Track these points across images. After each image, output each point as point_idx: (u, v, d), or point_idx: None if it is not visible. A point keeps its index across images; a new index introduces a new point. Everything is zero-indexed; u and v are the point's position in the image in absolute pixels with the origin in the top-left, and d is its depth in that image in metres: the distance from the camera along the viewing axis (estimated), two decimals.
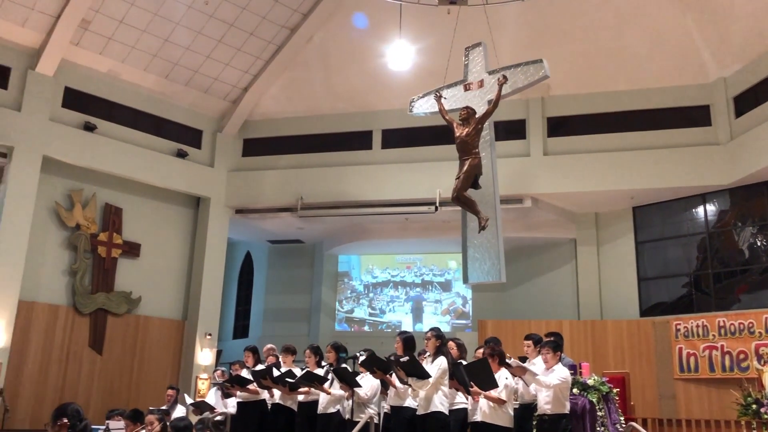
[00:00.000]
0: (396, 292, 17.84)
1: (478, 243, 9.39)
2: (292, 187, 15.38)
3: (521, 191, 13.96)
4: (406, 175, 14.70)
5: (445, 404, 6.64)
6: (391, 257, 18.01)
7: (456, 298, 17.32)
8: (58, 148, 13.36)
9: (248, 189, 15.78)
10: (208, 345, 15.05)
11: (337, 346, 8.13)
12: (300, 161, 15.76)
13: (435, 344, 6.93)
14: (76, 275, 13.73)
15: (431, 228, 15.66)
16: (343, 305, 18.10)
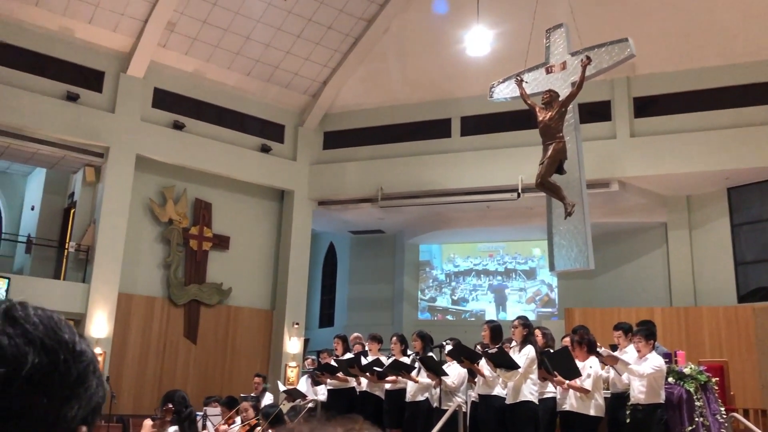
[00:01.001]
0: (478, 280, 17.70)
1: (565, 229, 9.20)
2: (372, 177, 15.50)
3: (608, 175, 13.56)
4: (487, 162, 14.55)
5: (535, 393, 6.58)
6: (473, 246, 17.88)
7: (541, 286, 17.04)
8: (150, 146, 13.97)
9: (329, 181, 16.03)
10: (296, 334, 15.42)
11: (423, 335, 8.16)
12: (379, 152, 15.86)
13: (522, 333, 6.87)
14: (170, 268, 14.36)
15: (514, 215, 15.44)
16: (425, 294, 18.13)
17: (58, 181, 15.56)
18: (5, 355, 0.68)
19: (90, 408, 0.75)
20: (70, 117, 13.09)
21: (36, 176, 16.36)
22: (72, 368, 0.72)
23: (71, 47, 13.42)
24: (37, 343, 0.70)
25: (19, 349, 0.69)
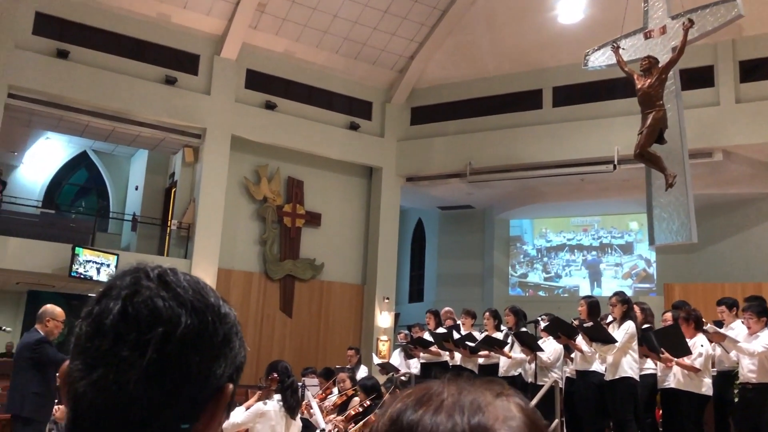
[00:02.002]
0: (572, 256, 17.30)
1: (665, 202, 8.84)
2: (461, 152, 15.37)
3: (711, 144, 12.88)
4: (581, 133, 14.11)
5: (635, 369, 6.40)
6: (566, 220, 17.46)
7: (638, 261, 16.46)
8: (243, 127, 14.38)
9: (417, 157, 16.01)
10: (387, 308, 15.62)
11: (516, 310, 8.09)
12: (468, 126, 15.68)
13: (621, 309, 6.67)
14: (265, 244, 14.83)
15: (609, 188, 14.93)
16: (516, 270, 17.91)
17: (159, 162, 16.33)
18: (162, 316, 0.72)
19: (235, 367, 0.79)
20: (169, 100, 13.65)
21: (139, 158, 17.21)
22: (219, 329, 0.76)
23: (168, 32, 13.94)
24: (188, 306, 0.74)
25: (173, 311, 0.73)
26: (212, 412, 0.75)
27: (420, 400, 0.63)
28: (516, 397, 0.65)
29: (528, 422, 0.62)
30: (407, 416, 0.62)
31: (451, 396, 0.63)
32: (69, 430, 0.72)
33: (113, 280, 0.76)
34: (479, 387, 0.65)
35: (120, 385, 0.69)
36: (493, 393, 0.64)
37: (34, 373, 5.11)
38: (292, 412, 4.87)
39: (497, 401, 0.63)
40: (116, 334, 0.71)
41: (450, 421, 0.60)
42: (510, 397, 0.65)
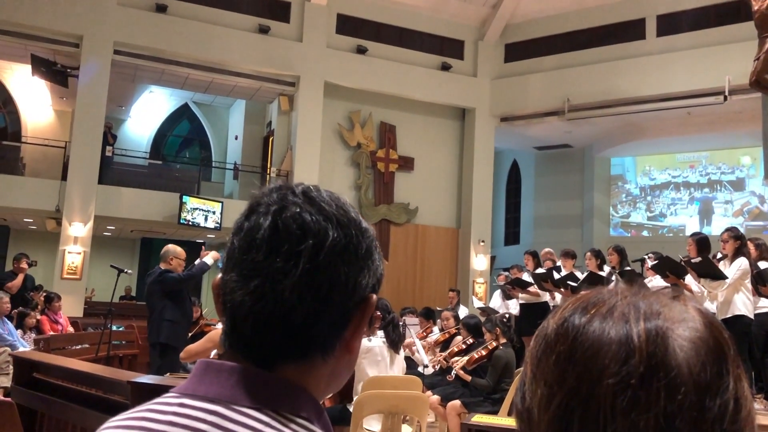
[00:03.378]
0: (678, 193, 16.54)
1: None
2: (558, 89, 14.84)
3: None
4: (687, 63, 13.28)
5: (749, 307, 6.12)
6: (671, 156, 16.65)
7: (750, 198, 15.55)
8: (336, 72, 14.45)
9: (512, 96, 15.61)
10: (482, 251, 15.58)
11: (620, 249, 7.87)
12: (565, 61, 15.07)
13: (734, 245, 6.35)
14: (360, 189, 15.04)
15: (719, 121, 14.07)
16: (618, 210, 17.35)
17: (256, 111, 16.74)
18: (310, 229, 0.75)
19: (376, 278, 0.81)
20: (263, 49, 13.87)
21: (237, 108, 17.71)
22: (362, 242, 0.78)
23: None
24: (333, 220, 0.76)
25: (320, 225, 0.75)
26: (359, 321, 0.78)
27: (589, 304, 0.60)
28: (693, 301, 0.63)
29: (707, 323, 0.58)
30: (574, 321, 0.59)
31: (623, 299, 0.59)
32: (227, 336, 0.77)
33: (260, 197, 0.79)
34: (655, 292, 0.62)
35: (276, 294, 0.72)
36: (669, 297, 0.61)
37: (165, 302, 5.49)
38: (395, 346, 5.00)
39: (673, 304, 0.59)
40: (269, 247, 0.74)
41: (623, 327, 0.56)
42: (687, 300, 0.62)
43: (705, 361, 0.55)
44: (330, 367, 0.77)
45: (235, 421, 0.68)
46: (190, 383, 0.74)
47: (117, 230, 16.42)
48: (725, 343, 0.58)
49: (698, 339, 0.57)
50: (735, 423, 0.55)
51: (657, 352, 0.55)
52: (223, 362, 0.74)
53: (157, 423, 0.70)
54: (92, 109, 12.58)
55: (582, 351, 0.57)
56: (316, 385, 0.76)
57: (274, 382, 0.73)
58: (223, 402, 0.70)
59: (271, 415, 0.70)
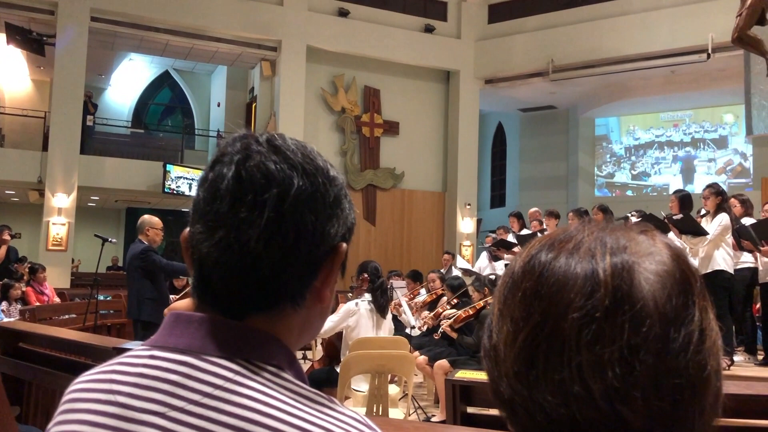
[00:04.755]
0: (662, 153, 16.62)
1: (766, 89, 8.27)
2: (542, 49, 14.75)
3: None
4: (670, 21, 13.22)
5: (729, 262, 6.20)
6: (655, 116, 16.68)
7: (733, 156, 15.65)
8: (318, 36, 14.27)
9: (496, 57, 15.50)
10: (468, 214, 15.64)
11: (604, 208, 7.91)
12: (549, 21, 14.95)
13: (715, 202, 6.40)
14: (346, 155, 14.97)
15: (702, 79, 14.08)
16: (602, 170, 17.42)
17: (238, 77, 16.54)
18: (275, 178, 0.74)
19: (347, 227, 0.81)
20: (244, 13, 13.64)
21: (219, 74, 17.49)
22: (329, 190, 0.78)
23: None
24: (299, 168, 0.75)
25: (285, 173, 0.74)
26: (329, 270, 0.78)
27: (556, 241, 0.60)
28: (662, 236, 0.62)
29: (674, 256, 0.58)
30: (541, 258, 0.59)
31: (590, 235, 0.59)
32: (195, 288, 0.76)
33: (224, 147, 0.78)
34: (623, 227, 0.62)
35: (242, 244, 0.72)
36: (636, 231, 0.60)
37: (146, 280, 5.47)
38: (382, 310, 5.03)
39: (640, 238, 0.59)
40: (233, 197, 0.73)
41: (589, 262, 0.56)
42: (655, 235, 0.61)
43: (671, 293, 0.55)
44: (301, 317, 0.77)
45: (205, 370, 0.68)
46: (160, 335, 0.74)
47: (101, 200, 16.31)
48: (691, 276, 0.58)
49: (664, 272, 0.57)
50: (699, 353, 0.55)
51: (622, 285, 0.55)
52: (192, 314, 0.74)
53: (127, 375, 0.70)
54: (71, 77, 12.37)
55: (548, 287, 0.57)
56: (287, 335, 0.76)
57: (244, 331, 0.73)
58: (194, 352, 0.70)
59: (242, 364, 0.70)
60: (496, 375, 0.61)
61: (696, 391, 0.55)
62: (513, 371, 0.58)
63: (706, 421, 0.57)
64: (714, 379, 0.57)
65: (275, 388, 0.69)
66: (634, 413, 0.54)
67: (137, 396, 0.68)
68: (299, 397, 0.69)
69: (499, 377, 0.60)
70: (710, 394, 0.57)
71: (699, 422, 0.56)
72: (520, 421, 0.59)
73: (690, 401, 0.55)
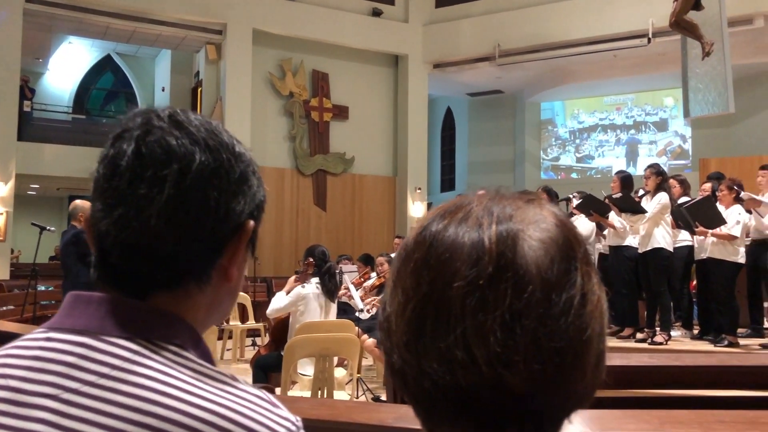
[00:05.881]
0: (605, 136, 16.99)
1: (702, 72, 8.53)
2: (489, 34, 14.85)
3: (751, 10, 12.18)
4: (613, 6, 13.46)
5: (668, 240, 6.41)
6: (599, 99, 17.03)
7: (673, 138, 16.12)
8: (264, 19, 14.05)
9: (444, 42, 15.54)
10: (419, 198, 15.72)
11: (548, 190, 8.06)
12: (495, 5, 15.04)
13: (655, 181, 6.60)
14: (295, 140, 14.84)
15: (643, 63, 14.40)
16: (548, 153, 17.72)
17: (183, 61, 16.19)
18: (176, 154, 0.73)
19: (255, 204, 0.80)
20: None
21: (163, 58, 17.08)
22: (235, 166, 0.77)
23: None
24: (201, 144, 0.74)
25: (186, 149, 0.73)
26: (235, 247, 0.77)
27: (447, 212, 0.61)
28: (549, 204, 0.64)
29: (559, 223, 0.60)
30: (431, 228, 0.60)
31: (479, 205, 0.60)
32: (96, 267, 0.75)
33: (125, 123, 0.76)
34: (511, 196, 0.62)
35: (141, 222, 0.70)
36: (523, 200, 0.61)
37: (81, 266, 5.33)
38: (330, 294, 5.04)
39: (527, 207, 0.60)
40: (132, 174, 0.72)
41: (476, 231, 0.57)
42: (542, 203, 0.62)
43: (553, 259, 0.56)
44: (208, 296, 0.76)
45: (102, 351, 0.67)
46: (58, 317, 0.72)
47: (42, 189, 15.81)
48: (575, 242, 0.60)
49: (549, 239, 0.58)
50: (581, 317, 0.57)
51: (506, 252, 0.56)
52: (92, 293, 0.72)
53: (21, 359, 0.69)
54: (5, 62, 11.90)
55: (436, 256, 0.58)
56: (193, 314, 0.75)
57: (145, 311, 0.72)
58: (91, 333, 0.68)
59: (142, 344, 0.69)
60: (388, 346, 0.62)
61: (577, 354, 0.57)
62: (403, 341, 0.59)
63: (588, 384, 0.59)
64: (596, 342, 0.59)
65: (175, 367, 0.68)
66: (516, 377, 0.55)
67: (30, 379, 0.67)
68: (200, 375, 0.69)
69: (391, 348, 0.61)
70: (592, 357, 0.58)
71: (581, 385, 0.58)
72: (410, 390, 0.60)
73: (571, 364, 0.56)
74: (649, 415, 1.52)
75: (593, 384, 0.60)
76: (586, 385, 0.59)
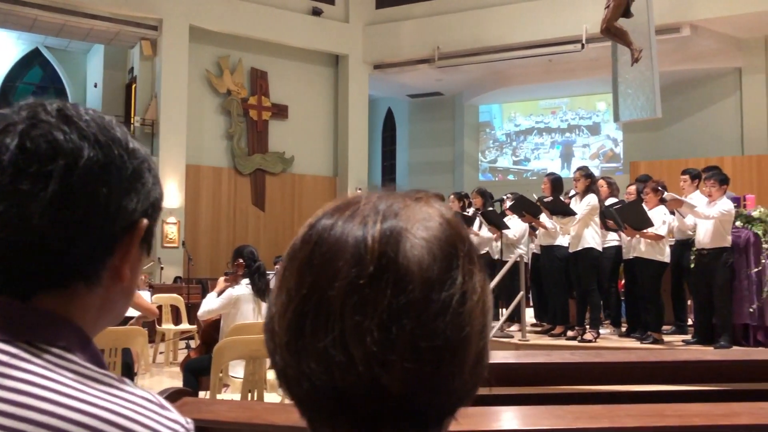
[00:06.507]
0: (541, 138, 17.38)
1: (631, 78, 8.82)
2: (429, 36, 14.99)
3: (679, 19, 12.69)
4: (549, 12, 13.79)
5: (597, 240, 6.59)
6: (535, 103, 17.41)
7: (606, 141, 16.62)
8: (201, 16, 13.81)
9: (384, 43, 15.61)
10: None
11: (482, 191, 8.20)
12: (435, 8, 15.20)
13: (584, 183, 6.79)
14: (233, 138, 14.63)
15: (577, 68, 14.81)
16: (486, 155, 18.00)
17: (117, 57, 15.74)
18: (63, 149, 0.70)
19: (149, 202, 0.77)
20: None
21: (95, 53, 16.55)
22: (127, 163, 0.74)
23: None
24: (91, 139, 0.72)
25: (74, 144, 0.70)
26: (127, 246, 0.74)
27: (337, 208, 0.60)
28: (438, 203, 0.63)
29: (445, 221, 0.59)
30: (321, 223, 0.59)
31: (368, 203, 0.59)
32: None
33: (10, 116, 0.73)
34: (401, 195, 0.62)
35: (23, 219, 0.67)
36: (412, 198, 0.60)
37: None
38: (261, 294, 4.98)
39: (415, 205, 0.60)
40: (16, 169, 0.68)
41: (360, 229, 0.56)
42: (431, 201, 0.61)
43: (435, 257, 0.56)
44: (99, 297, 0.74)
45: None
46: None
47: None
48: (459, 240, 0.59)
49: (433, 237, 0.57)
50: (459, 315, 0.56)
51: (388, 251, 0.55)
52: None
53: None
54: None
55: (320, 255, 0.57)
56: (82, 316, 0.72)
57: (28, 312, 0.68)
58: None
59: (22, 347, 0.65)
60: (272, 347, 0.61)
61: (455, 352, 0.56)
62: (284, 342, 0.58)
63: (468, 382, 0.59)
64: (476, 340, 0.59)
65: (56, 370, 0.65)
66: (392, 377, 0.54)
67: None
68: (84, 378, 0.66)
69: (274, 349, 0.60)
70: (471, 355, 0.58)
71: (459, 383, 0.58)
72: (292, 391, 0.59)
73: (449, 363, 0.56)
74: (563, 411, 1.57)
75: (474, 382, 0.60)
76: (466, 383, 0.59)
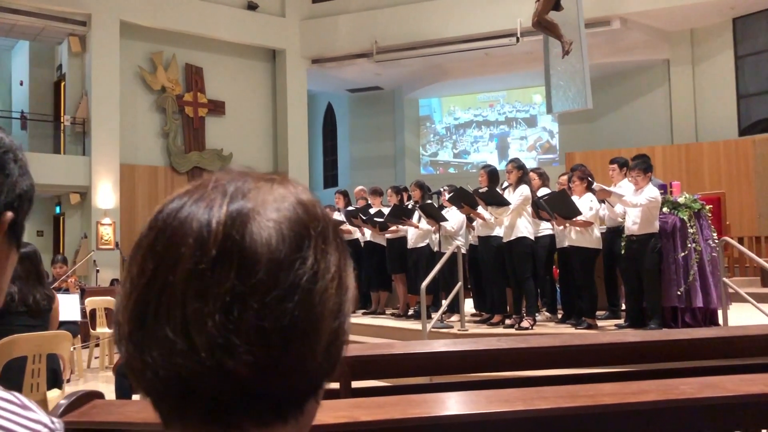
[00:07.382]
0: (479, 131, 17.60)
1: (562, 70, 9.01)
2: (366, 30, 14.97)
3: (609, 12, 13.02)
4: (484, 6, 13.95)
5: (530, 230, 6.72)
6: (473, 97, 17.61)
7: (542, 133, 16.95)
8: (132, 11, 13.44)
9: (322, 37, 15.51)
10: None
11: (421, 184, 8.25)
12: (372, 2, 15.19)
13: (517, 175, 6.91)
14: (168, 136, 14.31)
15: (513, 62, 15.05)
16: (427, 149, 18.11)
17: (43, 53, 15.17)
18: None
19: (15, 195, 0.74)
20: None
21: (20, 50, 15.92)
22: None
23: None
24: None
25: None
26: None
27: (187, 192, 0.57)
28: (293, 184, 0.61)
29: (298, 202, 0.56)
30: (168, 207, 0.56)
31: (217, 185, 0.56)
32: None
33: None
34: (253, 175, 0.59)
35: None
36: (264, 179, 0.57)
37: None
38: None
39: (266, 186, 0.57)
40: None
41: (207, 212, 0.54)
42: (286, 182, 0.58)
43: (285, 238, 0.54)
44: None
45: None
46: None
47: None
48: (312, 220, 0.57)
49: (283, 218, 0.55)
50: (309, 295, 0.54)
51: (233, 234, 0.53)
52: None
53: None
54: None
55: (163, 241, 0.54)
56: None
57: None
58: None
59: None
60: (117, 339, 0.58)
61: (305, 334, 0.54)
62: (127, 332, 0.56)
63: (321, 364, 0.57)
64: (329, 320, 0.57)
65: None
66: (237, 362, 0.52)
67: None
68: None
69: (120, 341, 0.58)
70: (323, 335, 0.56)
71: (312, 365, 0.56)
72: (138, 381, 0.57)
73: (299, 345, 0.54)
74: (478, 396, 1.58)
75: (330, 363, 0.58)
76: (321, 365, 0.57)
